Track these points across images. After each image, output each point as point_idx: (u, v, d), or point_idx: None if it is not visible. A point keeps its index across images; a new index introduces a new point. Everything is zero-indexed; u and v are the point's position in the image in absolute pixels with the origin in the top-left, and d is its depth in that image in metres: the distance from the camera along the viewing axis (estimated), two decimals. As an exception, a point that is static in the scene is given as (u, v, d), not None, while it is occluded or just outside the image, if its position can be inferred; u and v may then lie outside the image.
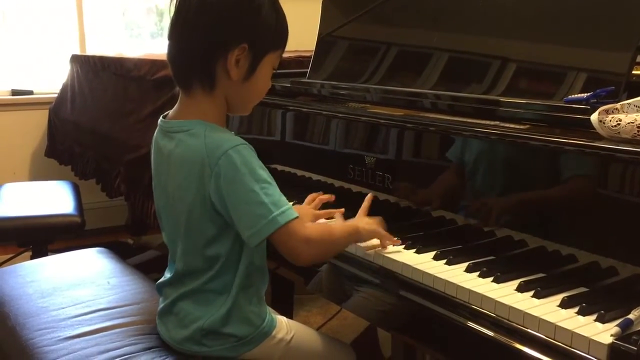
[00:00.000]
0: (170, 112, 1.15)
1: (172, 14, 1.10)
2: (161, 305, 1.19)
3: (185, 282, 1.14)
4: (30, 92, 3.36)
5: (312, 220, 1.33)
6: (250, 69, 1.10)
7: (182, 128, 1.10)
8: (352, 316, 2.21)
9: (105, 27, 3.62)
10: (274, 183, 1.07)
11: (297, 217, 1.06)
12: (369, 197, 1.30)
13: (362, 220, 1.23)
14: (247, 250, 1.11)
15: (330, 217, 1.34)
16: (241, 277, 1.12)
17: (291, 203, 1.11)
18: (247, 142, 1.07)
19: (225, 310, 1.11)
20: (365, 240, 1.21)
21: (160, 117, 1.16)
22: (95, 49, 3.44)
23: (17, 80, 3.36)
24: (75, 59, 2.99)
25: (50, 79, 3.36)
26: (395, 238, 1.21)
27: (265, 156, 1.19)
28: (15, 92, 3.33)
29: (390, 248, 1.21)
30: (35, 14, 3.41)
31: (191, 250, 1.12)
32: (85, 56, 2.92)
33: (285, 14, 1.16)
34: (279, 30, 1.13)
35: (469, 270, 1.10)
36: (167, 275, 1.18)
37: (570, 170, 1.05)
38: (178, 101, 1.14)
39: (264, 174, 1.06)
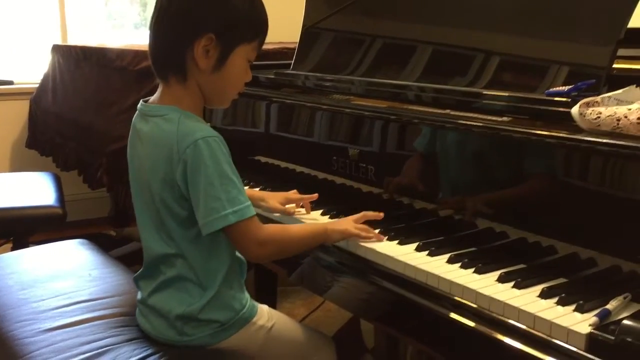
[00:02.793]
0: (151, 97, 1.17)
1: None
2: (139, 298, 1.19)
3: (161, 270, 1.14)
4: (11, 82, 3.31)
5: (283, 202, 1.37)
6: (220, 59, 1.11)
7: (159, 112, 1.11)
8: (336, 308, 2.22)
9: (87, 17, 3.58)
10: (237, 180, 1.08)
11: (251, 217, 1.08)
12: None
13: (333, 221, 1.25)
14: (225, 239, 1.11)
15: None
16: (224, 265, 1.13)
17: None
18: (219, 135, 1.08)
19: (206, 299, 1.11)
20: (335, 241, 1.22)
21: (141, 101, 1.17)
22: (77, 39, 3.40)
23: (-3, 70, 3.32)
24: (57, 49, 2.95)
25: (31, 69, 3.32)
26: (377, 232, 1.21)
27: (249, 148, 1.19)
28: (-5, 82, 3.28)
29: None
30: (16, 3, 3.36)
31: (163, 234, 1.12)
32: (66, 46, 2.89)
33: (270, 5, 1.15)
34: (253, 22, 1.13)
35: (450, 261, 1.10)
36: (143, 267, 1.18)
37: (551, 162, 1.06)
38: (158, 88, 1.16)
39: (228, 169, 1.07)
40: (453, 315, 1.01)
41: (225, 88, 1.16)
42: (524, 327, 0.92)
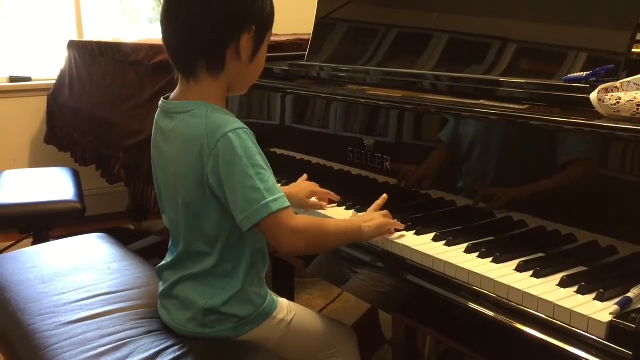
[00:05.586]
0: (172, 94, 1.15)
1: None
2: (161, 289, 1.20)
3: (186, 265, 1.14)
4: (29, 79, 3.35)
5: (308, 196, 1.36)
6: (255, 49, 1.11)
7: (185, 109, 1.10)
8: (354, 299, 2.22)
9: (102, 13, 3.60)
10: (270, 170, 1.07)
11: (288, 207, 1.06)
12: (383, 197, 1.27)
13: (365, 218, 1.19)
14: (250, 234, 1.11)
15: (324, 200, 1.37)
16: (247, 261, 1.13)
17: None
18: (247, 127, 1.08)
19: (230, 294, 1.12)
20: (368, 239, 1.19)
21: (162, 99, 1.16)
22: (92, 35, 3.42)
23: (15, 66, 3.35)
24: (73, 45, 2.97)
25: (48, 65, 3.35)
26: (400, 223, 1.20)
27: (265, 140, 1.19)
28: (13, 79, 3.31)
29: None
30: (32, 0, 3.39)
31: (191, 231, 1.12)
32: (82, 42, 2.90)
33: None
34: (272, 8, 1.15)
35: (468, 251, 1.10)
36: (168, 258, 1.19)
37: (570, 149, 1.04)
38: (179, 84, 1.14)
39: (261, 160, 1.06)
40: (471, 305, 1.01)
41: (253, 76, 1.17)
42: (543, 316, 0.92)
